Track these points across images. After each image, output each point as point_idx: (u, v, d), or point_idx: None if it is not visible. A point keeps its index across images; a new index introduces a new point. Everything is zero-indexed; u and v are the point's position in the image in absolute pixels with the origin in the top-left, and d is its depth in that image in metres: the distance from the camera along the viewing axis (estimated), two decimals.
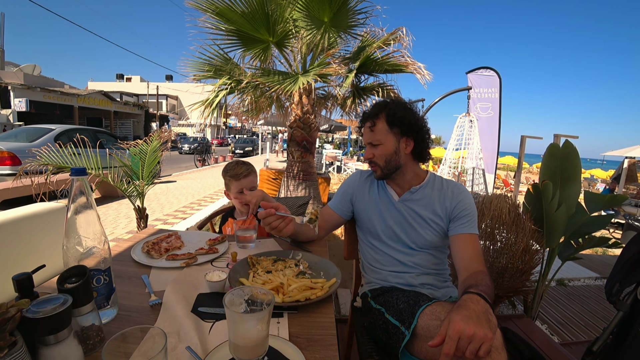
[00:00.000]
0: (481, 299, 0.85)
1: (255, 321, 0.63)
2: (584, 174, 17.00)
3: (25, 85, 15.12)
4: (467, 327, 0.75)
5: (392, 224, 1.31)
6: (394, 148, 1.25)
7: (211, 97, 3.95)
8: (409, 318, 1.02)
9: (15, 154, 5.44)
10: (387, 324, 1.11)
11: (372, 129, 1.27)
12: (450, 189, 1.28)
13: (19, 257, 1.40)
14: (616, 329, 1.05)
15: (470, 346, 0.74)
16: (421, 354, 0.96)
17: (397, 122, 1.23)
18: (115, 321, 0.84)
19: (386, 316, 1.13)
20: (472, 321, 0.76)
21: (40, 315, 0.58)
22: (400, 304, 1.11)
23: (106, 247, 0.80)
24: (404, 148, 1.26)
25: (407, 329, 0.99)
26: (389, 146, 1.25)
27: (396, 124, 1.23)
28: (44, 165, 2.65)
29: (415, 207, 1.28)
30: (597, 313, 2.80)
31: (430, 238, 1.26)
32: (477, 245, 1.17)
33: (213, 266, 1.20)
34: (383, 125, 1.25)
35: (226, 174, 1.74)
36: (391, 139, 1.25)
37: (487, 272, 1.04)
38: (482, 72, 5.55)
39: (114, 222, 4.77)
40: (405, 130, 1.24)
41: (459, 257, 1.15)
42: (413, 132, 1.25)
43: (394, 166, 1.27)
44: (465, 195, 1.28)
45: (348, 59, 4.18)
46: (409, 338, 0.97)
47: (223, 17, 3.53)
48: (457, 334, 0.75)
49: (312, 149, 4.48)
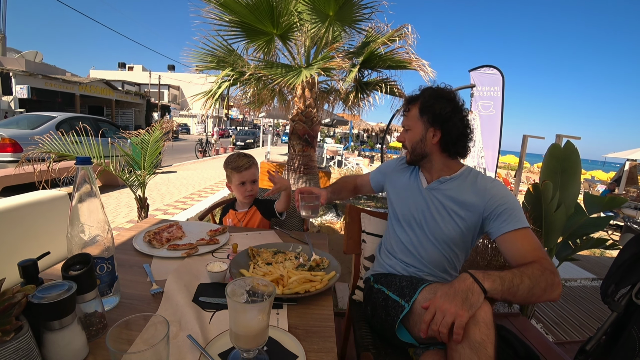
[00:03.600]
0: (469, 277, 0.89)
1: (256, 311, 0.64)
2: (584, 175, 16.99)
3: (26, 72, 15.03)
4: (443, 302, 0.85)
5: (414, 209, 1.29)
6: (420, 136, 1.25)
7: (214, 89, 3.93)
8: (410, 293, 1.06)
9: (17, 141, 5.43)
10: (387, 299, 1.14)
11: (406, 113, 1.31)
12: (483, 183, 1.21)
13: (21, 244, 1.41)
14: (610, 330, 1.06)
15: (443, 320, 0.83)
16: (415, 328, 0.99)
17: (427, 110, 1.23)
18: (118, 309, 0.85)
19: (387, 292, 1.16)
20: (449, 297, 0.85)
21: (46, 301, 0.59)
22: (403, 282, 1.15)
23: (109, 236, 0.81)
24: (431, 137, 1.24)
25: (407, 302, 1.03)
26: (416, 133, 1.26)
27: (426, 112, 1.23)
28: (46, 152, 2.66)
29: (441, 197, 1.24)
30: (592, 313, 2.83)
31: (449, 232, 1.21)
32: (525, 242, 1.07)
33: (214, 257, 1.21)
34: (415, 112, 1.26)
35: (228, 166, 1.75)
36: (419, 126, 1.25)
37: (540, 262, 0.98)
38: (485, 70, 5.51)
39: (115, 211, 4.79)
40: (433, 120, 1.22)
41: (510, 260, 1.08)
42: (439, 123, 1.22)
43: (419, 154, 1.28)
44: (499, 189, 1.19)
45: (352, 53, 4.16)
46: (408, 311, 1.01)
47: (227, 8, 3.51)
48: (434, 307, 0.86)
49: (313, 142, 4.48)
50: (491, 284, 0.89)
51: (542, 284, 0.93)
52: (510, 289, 0.90)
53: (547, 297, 0.94)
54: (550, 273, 0.96)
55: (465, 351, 0.83)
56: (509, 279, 0.91)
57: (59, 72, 18.91)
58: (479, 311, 0.85)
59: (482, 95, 5.52)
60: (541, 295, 0.93)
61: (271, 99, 4.64)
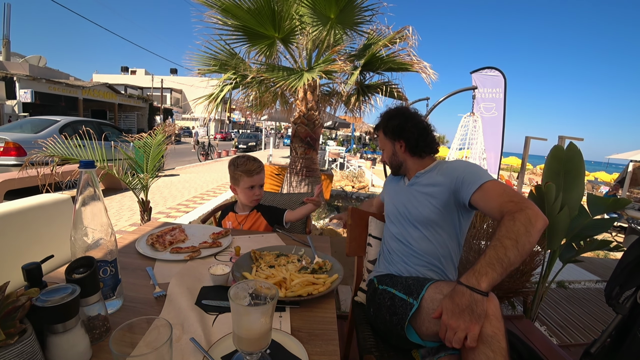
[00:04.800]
0: (465, 289, 0.89)
1: (259, 314, 0.64)
2: (587, 177, 16.92)
3: (30, 77, 15.15)
4: (451, 320, 0.86)
5: (399, 205, 1.44)
6: (392, 150, 1.50)
7: (216, 92, 3.95)
8: (417, 290, 1.08)
9: (21, 144, 5.47)
10: (394, 299, 1.15)
11: (377, 139, 1.58)
12: (448, 164, 1.34)
13: (25, 247, 1.42)
14: (614, 332, 1.05)
15: (455, 336, 0.85)
16: (423, 326, 1.01)
17: (389, 131, 1.49)
18: (121, 312, 0.85)
19: (393, 292, 1.18)
20: (455, 315, 0.86)
21: (50, 304, 0.59)
22: (410, 280, 1.18)
23: (113, 239, 0.81)
24: (399, 149, 1.47)
25: (415, 300, 1.05)
26: (388, 150, 1.52)
27: (388, 132, 1.49)
28: (50, 156, 2.67)
29: (418, 187, 1.39)
30: (597, 316, 2.80)
31: (426, 213, 1.30)
32: (491, 193, 1.11)
33: (216, 260, 1.21)
34: (381, 135, 1.53)
35: (237, 169, 1.71)
36: (388, 144, 1.51)
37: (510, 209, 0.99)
38: (486, 72, 5.51)
39: (117, 215, 4.80)
40: (393, 135, 1.47)
41: (491, 215, 1.11)
42: (398, 135, 1.46)
43: (396, 164, 1.51)
44: (459, 163, 1.32)
45: (353, 56, 4.17)
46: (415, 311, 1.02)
47: (229, 12, 3.53)
48: (444, 326, 0.88)
49: (315, 145, 4.49)
50: (486, 281, 0.88)
51: (522, 229, 0.92)
52: (502, 264, 0.89)
53: (534, 234, 0.92)
54: (520, 212, 0.96)
55: (478, 346, 0.84)
56: (495, 257, 0.90)
57: (62, 77, 19.05)
58: (488, 305, 0.87)
59: (484, 97, 5.52)
60: (528, 239, 0.92)
61: (273, 102, 4.65)
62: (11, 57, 17.99)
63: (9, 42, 17.68)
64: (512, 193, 1.07)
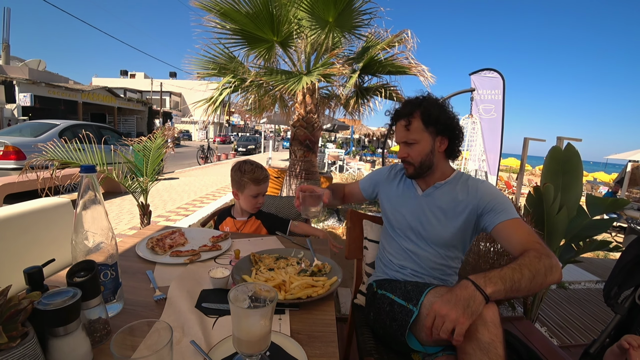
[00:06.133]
0: (470, 284, 0.88)
1: (258, 317, 0.65)
2: (586, 177, 16.93)
3: (30, 80, 15.17)
4: (443, 307, 0.85)
5: (410, 218, 1.30)
6: (430, 147, 1.23)
7: (215, 95, 3.97)
8: (416, 296, 1.06)
9: (20, 148, 5.48)
10: (393, 304, 1.14)
11: (408, 127, 1.24)
12: (475, 183, 1.25)
13: (26, 251, 1.42)
14: (614, 332, 1.06)
15: (443, 326, 0.83)
16: (423, 332, 0.99)
17: (433, 121, 1.21)
18: (121, 315, 0.85)
19: (392, 297, 1.16)
20: (450, 304, 0.85)
21: (51, 308, 0.60)
22: (408, 286, 1.16)
23: (113, 243, 0.82)
24: (439, 147, 1.25)
25: (415, 306, 1.03)
26: (425, 145, 1.23)
27: (432, 123, 1.21)
28: (49, 160, 2.68)
29: (438, 201, 1.26)
30: (597, 316, 2.80)
31: (447, 234, 1.23)
32: (519, 229, 1.10)
33: (216, 263, 1.21)
34: (418, 124, 1.22)
35: (244, 175, 1.66)
36: (427, 138, 1.23)
37: (535, 248, 1.00)
38: (485, 74, 5.54)
39: (117, 218, 4.80)
40: (441, 130, 1.22)
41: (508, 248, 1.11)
42: (449, 131, 1.23)
43: (427, 165, 1.26)
44: (489, 187, 1.24)
45: (352, 59, 4.19)
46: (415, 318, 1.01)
47: (228, 16, 3.55)
48: (434, 312, 0.86)
49: (314, 148, 4.50)
50: (493, 288, 0.87)
51: (542, 270, 0.93)
52: (512, 286, 0.89)
53: (549, 281, 0.94)
54: (547, 257, 0.96)
55: (475, 353, 0.84)
56: (509, 276, 0.90)
57: (61, 80, 19.08)
58: (487, 311, 0.86)
59: (483, 99, 5.54)
60: (543, 281, 0.93)
61: (272, 105, 4.67)
62: (11, 61, 18.03)
63: (8, 46, 17.72)
64: (538, 238, 1.07)
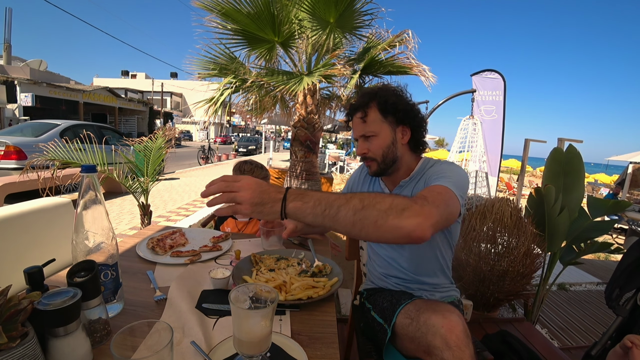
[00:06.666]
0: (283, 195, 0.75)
1: (259, 317, 0.64)
2: (587, 179, 16.90)
3: (31, 80, 15.21)
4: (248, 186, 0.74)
5: None
6: (391, 139, 1.14)
7: (216, 96, 3.97)
8: (389, 316, 1.05)
9: (21, 148, 5.49)
10: (374, 321, 1.15)
11: (364, 119, 1.15)
12: (433, 170, 1.13)
13: (26, 251, 1.42)
14: (615, 334, 1.05)
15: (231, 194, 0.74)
16: (403, 349, 1.00)
17: (391, 109, 1.12)
18: (121, 315, 0.85)
19: (372, 313, 1.17)
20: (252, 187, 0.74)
21: (51, 308, 0.59)
22: (385, 302, 1.14)
23: (114, 243, 0.82)
24: (401, 138, 1.15)
25: (389, 326, 1.02)
26: (385, 137, 1.14)
27: (390, 112, 1.12)
28: (50, 160, 2.68)
29: None
30: (598, 318, 2.80)
31: None
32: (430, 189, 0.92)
33: (217, 263, 1.21)
34: (376, 115, 1.13)
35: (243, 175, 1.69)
36: (386, 129, 1.13)
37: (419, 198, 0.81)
38: (486, 75, 5.53)
39: (118, 218, 4.81)
40: (400, 118, 1.13)
41: None
42: (409, 120, 1.14)
43: (391, 159, 1.15)
44: (439, 166, 1.13)
45: (353, 60, 4.19)
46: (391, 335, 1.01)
47: (229, 17, 3.55)
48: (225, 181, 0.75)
49: (315, 148, 4.49)
50: (297, 205, 0.74)
51: (383, 206, 0.72)
52: (326, 210, 0.73)
53: (391, 222, 0.71)
54: (410, 200, 0.76)
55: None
56: (328, 200, 0.74)
57: (63, 80, 19.13)
58: (450, 335, 0.84)
59: (485, 100, 5.54)
60: (377, 217, 0.71)
61: (273, 105, 4.67)
62: (12, 61, 18.07)
63: (10, 46, 17.77)
64: (440, 195, 0.87)
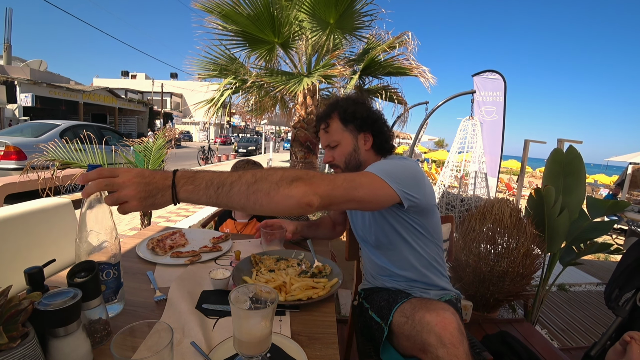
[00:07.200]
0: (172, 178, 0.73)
1: (259, 318, 0.65)
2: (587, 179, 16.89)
3: (31, 81, 15.23)
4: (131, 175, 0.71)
5: (360, 225, 1.30)
6: (352, 146, 1.20)
7: (216, 97, 3.97)
8: (386, 315, 1.06)
9: (21, 148, 5.49)
10: (371, 320, 1.16)
11: (327, 130, 1.23)
12: None
13: (26, 251, 1.42)
14: (614, 335, 1.05)
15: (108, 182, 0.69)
16: (400, 347, 1.01)
17: (350, 118, 1.19)
18: (121, 316, 0.85)
19: (370, 313, 1.18)
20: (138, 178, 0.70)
21: (52, 308, 0.60)
22: (382, 301, 1.15)
23: (117, 243, 0.82)
24: (363, 144, 1.21)
25: (386, 325, 1.03)
26: (347, 145, 1.20)
27: (349, 121, 1.19)
28: (50, 160, 2.68)
29: None
30: (598, 319, 2.80)
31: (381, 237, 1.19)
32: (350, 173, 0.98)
33: (217, 264, 1.21)
34: (337, 125, 1.21)
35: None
36: (348, 137, 1.20)
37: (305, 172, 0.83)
38: (487, 75, 5.53)
39: (118, 219, 4.80)
40: (360, 125, 1.19)
41: None
42: (368, 126, 1.20)
43: (354, 165, 1.21)
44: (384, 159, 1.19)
45: (353, 60, 4.20)
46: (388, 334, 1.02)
47: (229, 18, 3.55)
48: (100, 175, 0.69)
49: (315, 149, 4.49)
50: (188, 192, 0.73)
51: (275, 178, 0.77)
52: (219, 190, 0.74)
53: (283, 192, 0.76)
54: (301, 173, 0.80)
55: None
56: (219, 180, 0.75)
57: (63, 81, 19.15)
58: (444, 333, 0.84)
59: (485, 101, 5.54)
60: (269, 189, 0.75)
61: (273, 106, 4.67)
62: (12, 61, 18.09)
63: (10, 46, 17.79)
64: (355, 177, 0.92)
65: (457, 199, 4.40)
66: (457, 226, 2.62)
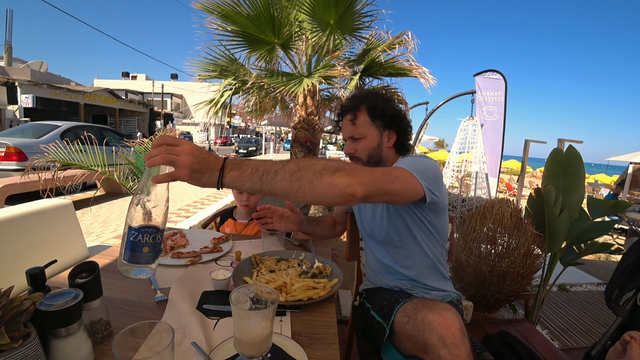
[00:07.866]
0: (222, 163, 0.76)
1: (260, 318, 0.65)
2: (587, 179, 16.90)
3: (32, 82, 15.25)
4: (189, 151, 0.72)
5: (369, 220, 1.30)
6: (377, 141, 1.22)
7: (216, 97, 3.98)
8: (388, 314, 1.06)
9: (22, 149, 5.49)
10: (373, 320, 1.15)
11: (354, 122, 1.23)
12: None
13: (28, 252, 1.43)
14: (615, 335, 1.05)
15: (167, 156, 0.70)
16: (401, 347, 1.00)
17: (379, 114, 1.20)
18: (122, 317, 0.86)
19: (371, 313, 1.18)
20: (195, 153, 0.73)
21: (53, 309, 0.60)
22: (384, 301, 1.15)
23: (167, 211, 0.79)
24: (387, 141, 1.23)
25: (387, 325, 1.03)
26: (372, 140, 1.22)
27: (378, 117, 1.21)
28: (51, 161, 2.69)
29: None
30: (599, 319, 2.80)
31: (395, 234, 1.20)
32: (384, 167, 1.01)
33: (217, 265, 1.22)
34: (365, 118, 1.21)
35: None
36: (374, 132, 1.22)
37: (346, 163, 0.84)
38: (488, 75, 5.51)
39: (118, 219, 4.81)
40: (387, 123, 1.21)
41: None
42: (395, 125, 1.22)
43: (375, 160, 1.23)
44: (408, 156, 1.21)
45: (353, 61, 4.20)
46: (389, 334, 1.02)
47: (229, 19, 3.56)
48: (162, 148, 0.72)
49: (315, 150, 4.50)
50: (234, 175, 0.75)
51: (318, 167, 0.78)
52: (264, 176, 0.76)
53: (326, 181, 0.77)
54: (344, 164, 0.82)
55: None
56: (265, 167, 0.77)
57: (63, 82, 19.17)
58: (447, 333, 0.84)
59: (487, 101, 5.53)
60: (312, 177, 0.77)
61: (273, 107, 4.68)
62: (13, 62, 18.14)
63: (10, 47, 17.83)
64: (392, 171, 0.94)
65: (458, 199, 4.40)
66: (458, 226, 2.62)
